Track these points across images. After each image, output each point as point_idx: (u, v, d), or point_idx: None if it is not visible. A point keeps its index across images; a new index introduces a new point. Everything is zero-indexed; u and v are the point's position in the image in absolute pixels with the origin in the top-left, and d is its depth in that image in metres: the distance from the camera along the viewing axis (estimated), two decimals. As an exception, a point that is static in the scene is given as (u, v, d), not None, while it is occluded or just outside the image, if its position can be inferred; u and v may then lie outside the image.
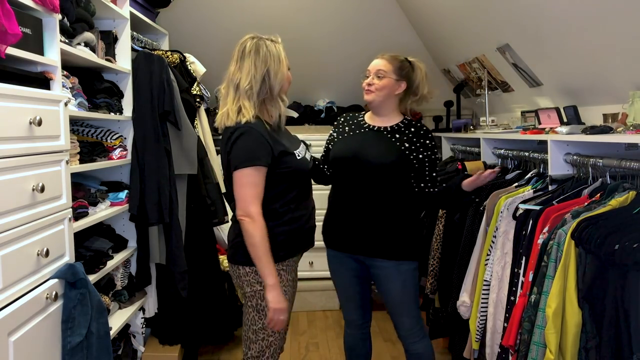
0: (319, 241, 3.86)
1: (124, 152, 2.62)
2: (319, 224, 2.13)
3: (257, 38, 1.87)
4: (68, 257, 1.89)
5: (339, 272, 2.23)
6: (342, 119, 2.27)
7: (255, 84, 1.82)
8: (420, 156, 2.07)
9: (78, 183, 2.34)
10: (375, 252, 2.09)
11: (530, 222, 1.87)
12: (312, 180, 2.14)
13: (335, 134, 2.23)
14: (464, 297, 2.28)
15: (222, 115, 1.86)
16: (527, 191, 2.12)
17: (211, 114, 3.25)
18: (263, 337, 1.87)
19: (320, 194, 2.23)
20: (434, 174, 2.11)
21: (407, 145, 2.07)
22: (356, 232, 2.09)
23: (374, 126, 2.15)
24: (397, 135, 2.10)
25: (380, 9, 3.82)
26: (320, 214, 2.21)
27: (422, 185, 2.10)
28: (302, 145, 2.01)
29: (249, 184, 1.78)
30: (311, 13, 3.79)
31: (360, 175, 2.07)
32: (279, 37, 1.92)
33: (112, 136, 2.57)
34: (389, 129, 2.12)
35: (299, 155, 1.91)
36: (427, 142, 2.09)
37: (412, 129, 2.11)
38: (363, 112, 2.26)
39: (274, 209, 1.85)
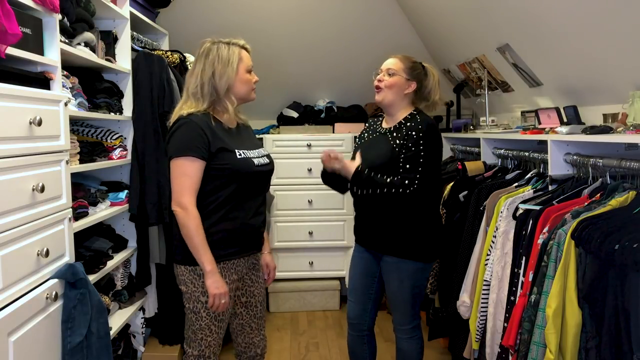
0: (318, 241, 3.87)
1: (124, 152, 2.62)
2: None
3: (212, 42, 1.92)
4: (68, 257, 1.89)
5: (355, 264, 2.31)
6: (366, 124, 2.33)
7: (201, 85, 1.88)
8: (404, 150, 2.03)
9: (78, 183, 2.34)
10: (383, 249, 2.16)
11: (530, 222, 1.87)
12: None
13: (358, 140, 2.32)
14: (464, 297, 2.28)
15: (172, 114, 1.92)
16: (527, 191, 2.12)
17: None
18: (202, 337, 1.90)
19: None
20: (408, 166, 2.00)
21: (398, 142, 2.07)
22: (370, 229, 2.18)
23: (383, 128, 2.20)
24: (395, 134, 2.11)
25: (381, 9, 3.82)
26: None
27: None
28: (259, 150, 1.98)
29: (182, 175, 1.81)
30: (312, 14, 3.79)
31: None
32: (241, 40, 1.95)
33: (112, 136, 2.57)
34: (391, 128, 2.15)
35: (240, 155, 1.88)
36: (416, 134, 2.02)
37: (410, 124, 2.08)
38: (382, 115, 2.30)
39: (206, 205, 1.85)
